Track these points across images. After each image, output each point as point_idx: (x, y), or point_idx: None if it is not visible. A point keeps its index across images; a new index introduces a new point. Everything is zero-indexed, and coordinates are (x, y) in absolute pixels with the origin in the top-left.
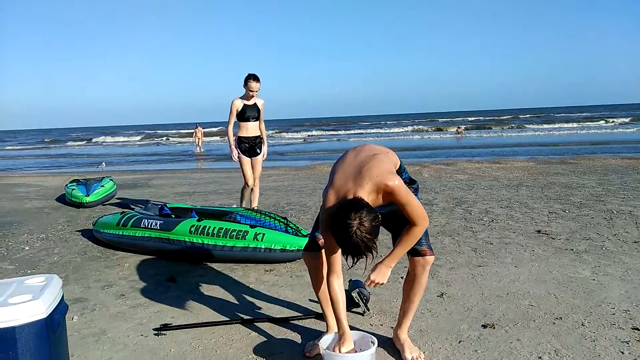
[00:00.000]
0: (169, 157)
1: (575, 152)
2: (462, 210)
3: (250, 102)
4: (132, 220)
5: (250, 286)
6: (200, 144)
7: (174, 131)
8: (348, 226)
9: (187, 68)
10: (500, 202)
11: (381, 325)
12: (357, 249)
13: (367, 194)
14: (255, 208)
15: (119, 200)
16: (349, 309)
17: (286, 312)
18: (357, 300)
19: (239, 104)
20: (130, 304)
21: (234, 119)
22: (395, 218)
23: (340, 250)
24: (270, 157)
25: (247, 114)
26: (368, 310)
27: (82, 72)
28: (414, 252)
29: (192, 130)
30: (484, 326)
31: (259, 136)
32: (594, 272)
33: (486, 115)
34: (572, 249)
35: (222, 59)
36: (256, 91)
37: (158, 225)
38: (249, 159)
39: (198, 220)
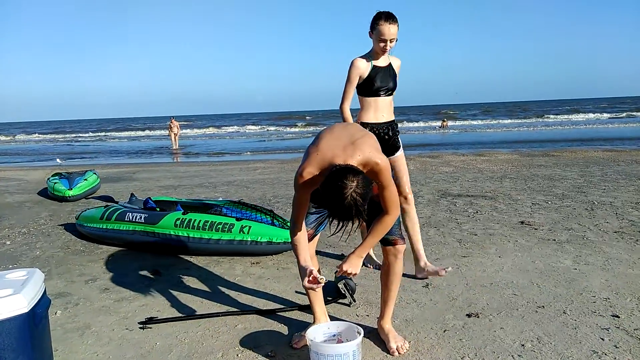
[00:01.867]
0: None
1: (558, 145)
2: (447, 202)
3: (383, 63)
4: (116, 213)
5: (237, 279)
6: (175, 139)
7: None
8: (344, 187)
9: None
10: (485, 194)
11: (367, 315)
12: (348, 211)
13: (355, 165)
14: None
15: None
16: (335, 300)
17: (272, 305)
18: (343, 292)
19: (363, 67)
20: (115, 297)
21: (353, 92)
22: (370, 206)
23: (304, 212)
24: (257, 149)
25: (378, 82)
26: (354, 301)
27: None
28: (385, 242)
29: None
30: (469, 315)
31: (394, 121)
32: (576, 261)
33: (471, 108)
34: (555, 239)
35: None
36: (392, 40)
37: (143, 218)
38: None
39: (183, 214)
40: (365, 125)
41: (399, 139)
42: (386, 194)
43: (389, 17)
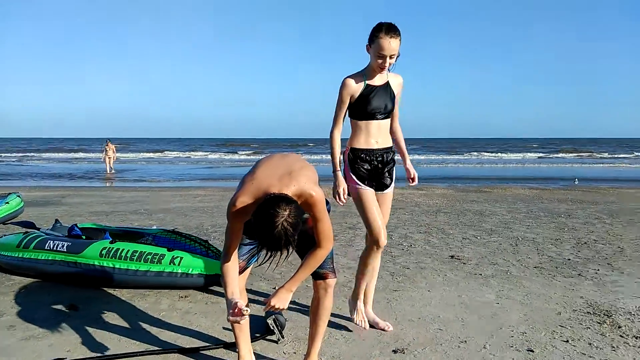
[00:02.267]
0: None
1: (489, 182)
2: None
3: (379, 81)
4: (36, 241)
5: (162, 314)
6: (111, 163)
7: None
8: (275, 215)
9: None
10: (420, 228)
11: (294, 353)
12: (278, 241)
13: (289, 195)
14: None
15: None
16: (263, 336)
17: (197, 342)
18: (272, 328)
19: (354, 86)
20: (21, 336)
21: (343, 116)
22: (302, 239)
23: (237, 242)
24: (199, 176)
25: (373, 103)
26: (283, 337)
27: None
28: (316, 275)
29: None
30: (395, 351)
31: (391, 147)
32: (498, 295)
33: (412, 143)
34: (481, 274)
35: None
36: (393, 56)
37: (65, 247)
38: (373, 191)
39: (111, 242)
40: (355, 151)
41: (393, 173)
42: (320, 227)
43: (391, 29)
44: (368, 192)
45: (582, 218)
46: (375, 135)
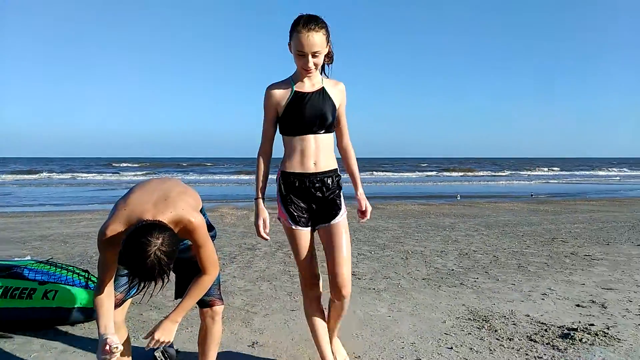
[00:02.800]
0: None
1: (383, 200)
2: (282, 254)
3: (311, 87)
4: None
5: (32, 355)
6: None
7: None
8: (147, 244)
9: None
10: (318, 245)
11: None
12: (151, 271)
13: (166, 223)
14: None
15: None
16: None
17: None
18: None
19: (279, 96)
20: None
21: (271, 132)
22: (184, 265)
23: (111, 273)
24: (82, 198)
25: (307, 113)
26: None
27: None
28: (202, 304)
29: None
30: None
31: (335, 170)
32: (390, 309)
33: None
34: (374, 288)
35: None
36: (316, 54)
37: None
38: (306, 232)
39: None
40: (286, 176)
41: (341, 199)
42: (203, 253)
43: (310, 21)
44: (301, 233)
45: (464, 230)
46: (314, 154)
